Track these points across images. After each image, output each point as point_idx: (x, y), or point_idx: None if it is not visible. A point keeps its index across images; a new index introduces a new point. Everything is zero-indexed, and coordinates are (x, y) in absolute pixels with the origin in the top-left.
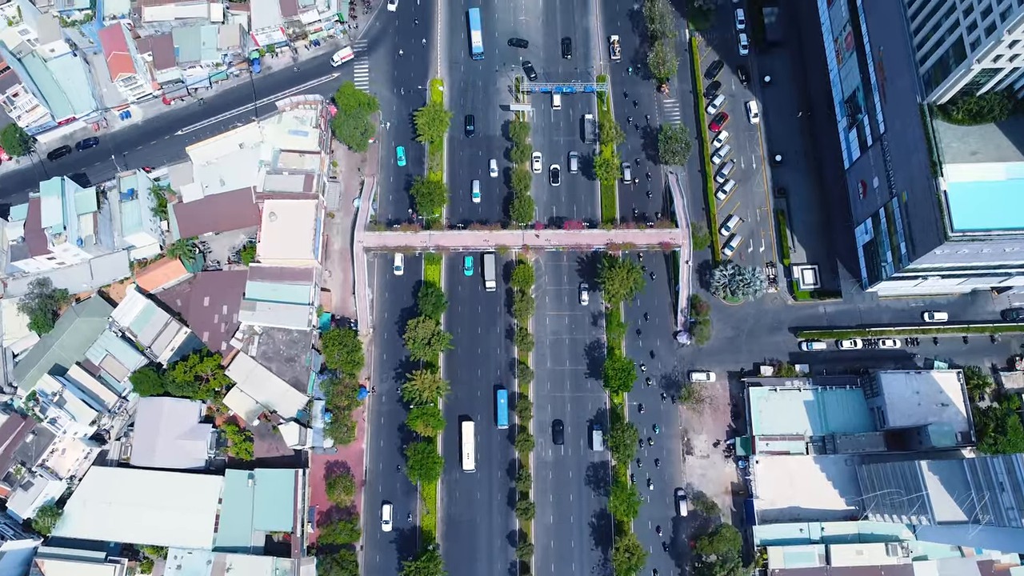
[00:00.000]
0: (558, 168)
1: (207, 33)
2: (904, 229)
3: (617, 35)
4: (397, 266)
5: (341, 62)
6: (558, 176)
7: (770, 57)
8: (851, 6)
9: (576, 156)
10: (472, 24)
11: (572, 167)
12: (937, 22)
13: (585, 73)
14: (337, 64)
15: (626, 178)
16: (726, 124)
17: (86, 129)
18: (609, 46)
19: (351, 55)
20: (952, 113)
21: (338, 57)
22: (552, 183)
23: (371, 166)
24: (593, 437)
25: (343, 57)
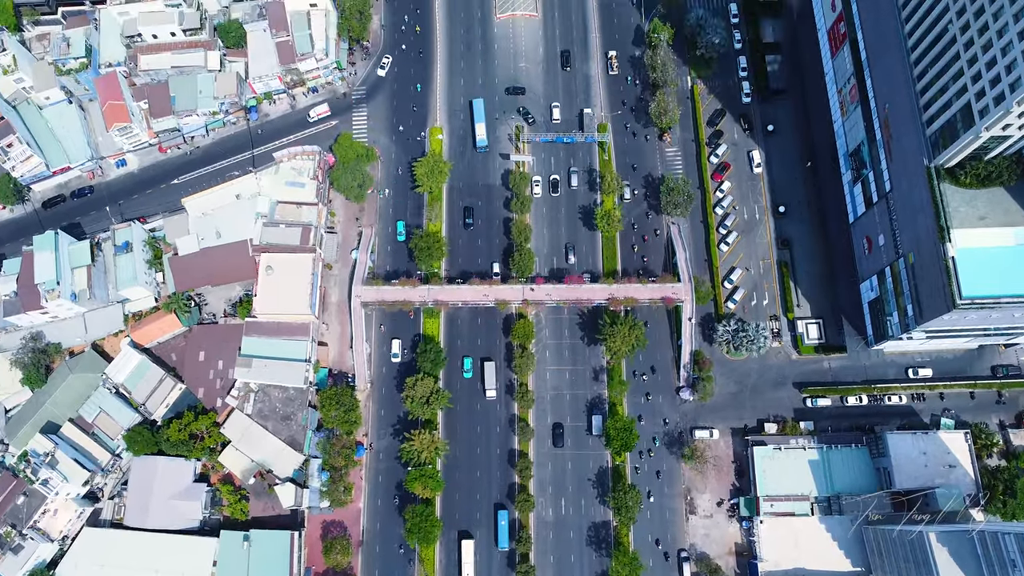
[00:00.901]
0: (558, 179)
1: (204, 81)
2: (911, 291)
3: (615, 54)
4: (395, 353)
5: (317, 118)
6: (558, 186)
7: (773, 105)
8: (855, 59)
9: (576, 172)
10: (476, 115)
11: (573, 183)
12: (944, 85)
13: (587, 121)
14: (313, 120)
15: (626, 195)
16: (728, 174)
17: (81, 177)
18: (607, 61)
19: (327, 111)
20: (960, 177)
21: (314, 113)
22: (552, 192)
23: (369, 216)
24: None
25: (319, 113)
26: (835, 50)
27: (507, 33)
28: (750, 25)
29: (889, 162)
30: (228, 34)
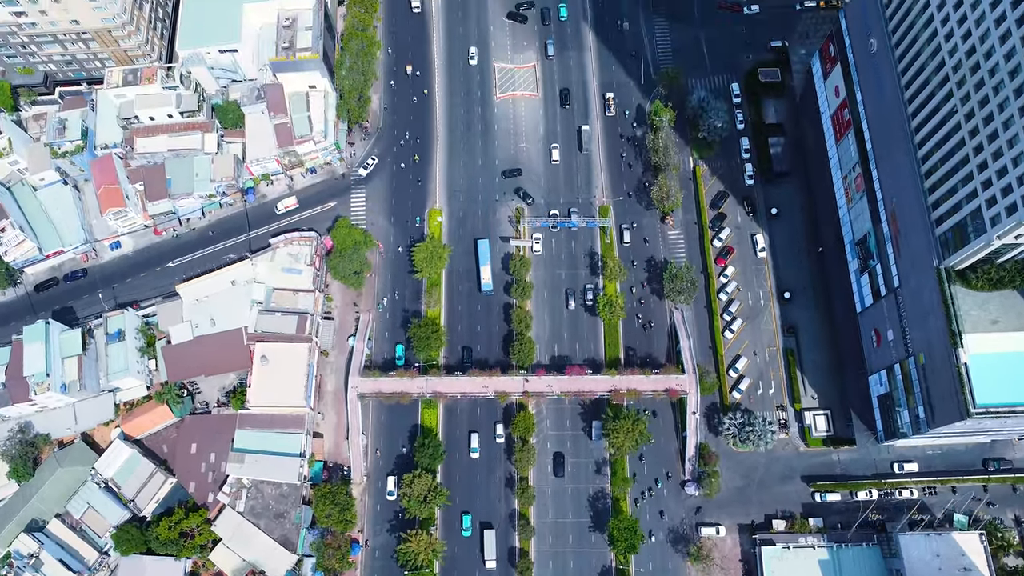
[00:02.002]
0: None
1: (200, 164)
2: (922, 393)
3: (612, 96)
4: (390, 491)
5: (285, 210)
6: (557, 223)
7: (776, 188)
8: (860, 148)
9: (576, 212)
10: (480, 257)
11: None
12: (953, 186)
13: (587, 203)
14: (281, 212)
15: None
16: (732, 258)
17: (75, 260)
18: (604, 102)
19: (295, 204)
20: (971, 280)
21: (282, 206)
22: (553, 230)
23: (367, 301)
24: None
25: (287, 206)
26: (839, 136)
27: (507, 113)
28: (752, 105)
29: (897, 257)
30: (226, 115)
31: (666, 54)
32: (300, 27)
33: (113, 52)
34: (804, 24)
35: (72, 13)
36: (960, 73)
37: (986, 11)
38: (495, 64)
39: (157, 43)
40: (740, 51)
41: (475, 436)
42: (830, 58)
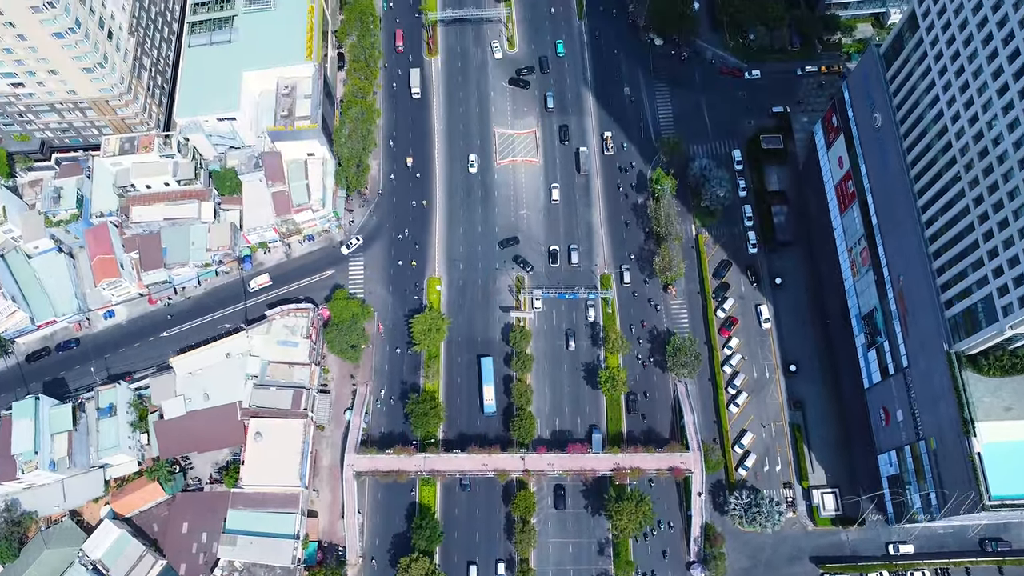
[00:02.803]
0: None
1: (197, 233)
2: (934, 479)
3: (610, 135)
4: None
5: (258, 288)
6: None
7: (780, 257)
8: (865, 222)
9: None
10: (484, 376)
11: (572, 260)
12: (963, 270)
13: (589, 271)
14: (254, 290)
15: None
16: (736, 329)
17: (67, 329)
18: (602, 142)
19: (268, 282)
20: (983, 366)
21: (255, 283)
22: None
23: (364, 373)
24: None
25: (260, 284)
26: (844, 207)
27: (507, 180)
28: (754, 172)
29: (905, 336)
30: (224, 182)
31: (667, 119)
32: (299, 95)
33: (110, 120)
34: (805, 89)
35: (70, 84)
36: (967, 157)
37: (992, 97)
38: (495, 130)
39: (155, 110)
40: (742, 116)
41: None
42: (833, 128)
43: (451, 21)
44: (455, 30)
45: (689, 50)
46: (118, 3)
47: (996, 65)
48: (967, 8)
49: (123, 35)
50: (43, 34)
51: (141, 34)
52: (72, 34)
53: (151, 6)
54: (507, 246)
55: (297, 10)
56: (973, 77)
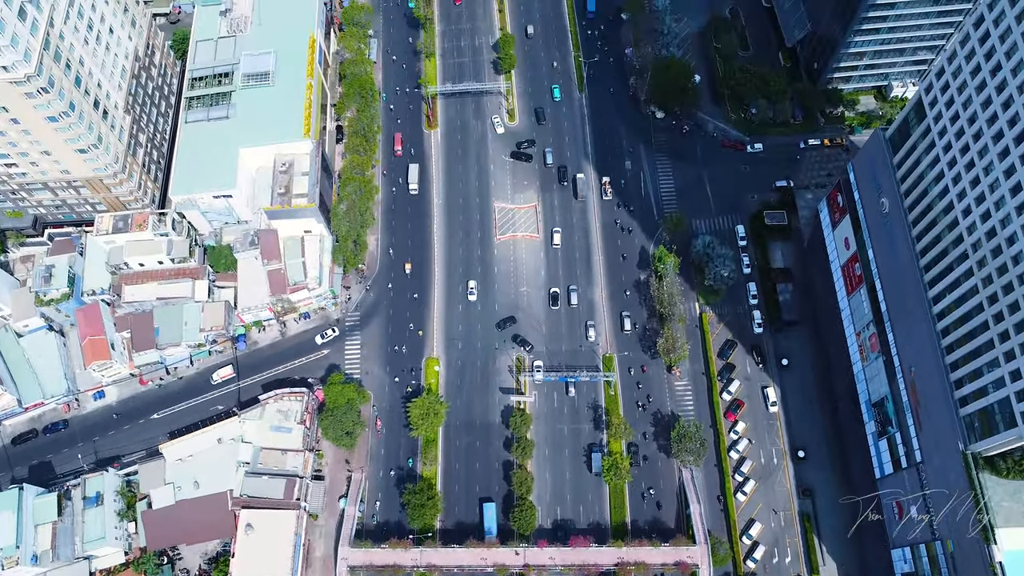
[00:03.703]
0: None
1: (190, 312)
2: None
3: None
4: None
5: (221, 381)
6: (557, 299)
7: (787, 337)
8: (874, 307)
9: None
10: (487, 522)
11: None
12: (977, 369)
13: (591, 351)
14: (216, 383)
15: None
16: (743, 412)
17: (56, 410)
18: (600, 187)
19: (231, 374)
20: (1001, 469)
21: (218, 376)
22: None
23: (360, 458)
24: None
25: (223, 376)
26: (851, 289)
27: (507, 256)
28: (759, 249)
29: (918, 430)
30: (219, 259)
31: (669, 193)
32: (297, 171)
33: (105, 198)
34: (809, 163)
35: (63, 164)
36: (980, 253)
37: (1006, 196)
38: (495, 204)
39: (151, 186)
40: (744, 190)
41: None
42: (838, 208)
43: (451, 94)
44: (455, 103)
45: (690, 123)
46: (114, 82)
47: (1008, 164)
48: (975, 100)
49: (119, 113)
50: (37, 117)
51: (137, 111)
52: (66, 117)
53: (148, 82)
54: (504, 327)
55: (296, 86)
56: (984, 173)
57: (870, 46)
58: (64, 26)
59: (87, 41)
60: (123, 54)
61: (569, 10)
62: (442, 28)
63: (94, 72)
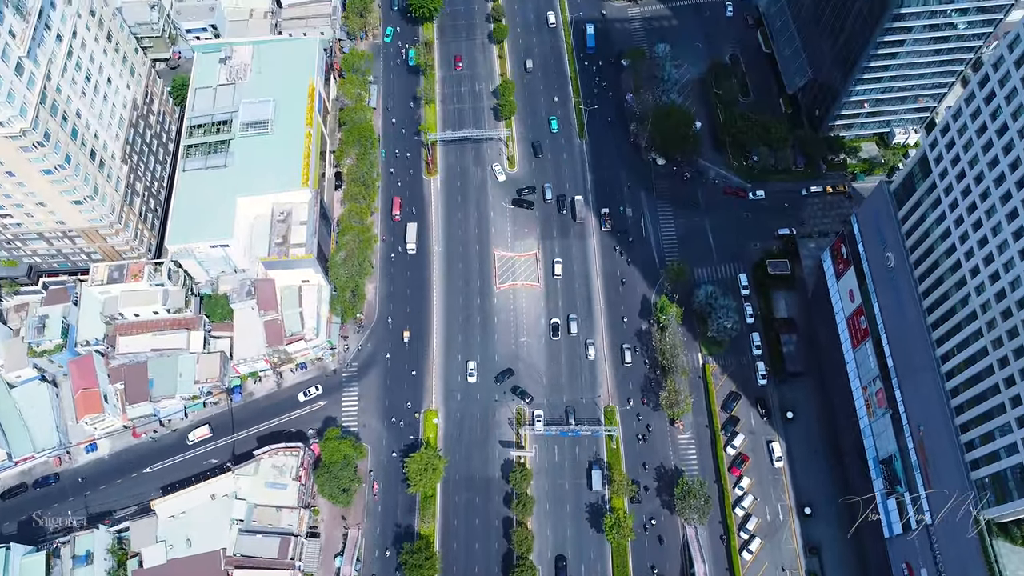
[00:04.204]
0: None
1: (185, 364)
2: None
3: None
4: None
5: (197, 440)
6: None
7: (791, 388)
8: (880, 362)
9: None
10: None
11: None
12: (990, 432)
13: (592, 403)
14: (192, 443)
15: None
16: (747, 467)
17: (47, 463)
18: (600, 219)
19: (208, 434)
20: (1016, 537)
21: (193, 436)
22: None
23: (356, 514)
24: None
25: (199, 436)
26: (856, 342)
27: (507, 305)
28: (762, 298)
29: (928, 490)
30: (215, 308)
31: (671, 241)
32: (295, 220)
33: (100, 247)
34: (811, 210)
35: (58, 215)
36: (989, 314)
37: (1015, 258)
38: (495, 252)
39: (147, 235)
40: (747, 238)
41: None
42: (842, 259)
43: (451, 140)
44: (455, 149)
45: (692, 170)
46: (111, 132)
47: (1017, 225)
48: (982, 160)
49: (115, 163)
50: (32, 170)
51: (135, 160)
52: (61, 170)
53: (146, 130)
54: (502, 380)
55: (295, 135)
56: (992, 233)
57: (872, 94)
58: (61, 79)
59: (84, 93)
60: (121, 104)
61: (568, 48)
62: (442, 74)
63: (91, 123)
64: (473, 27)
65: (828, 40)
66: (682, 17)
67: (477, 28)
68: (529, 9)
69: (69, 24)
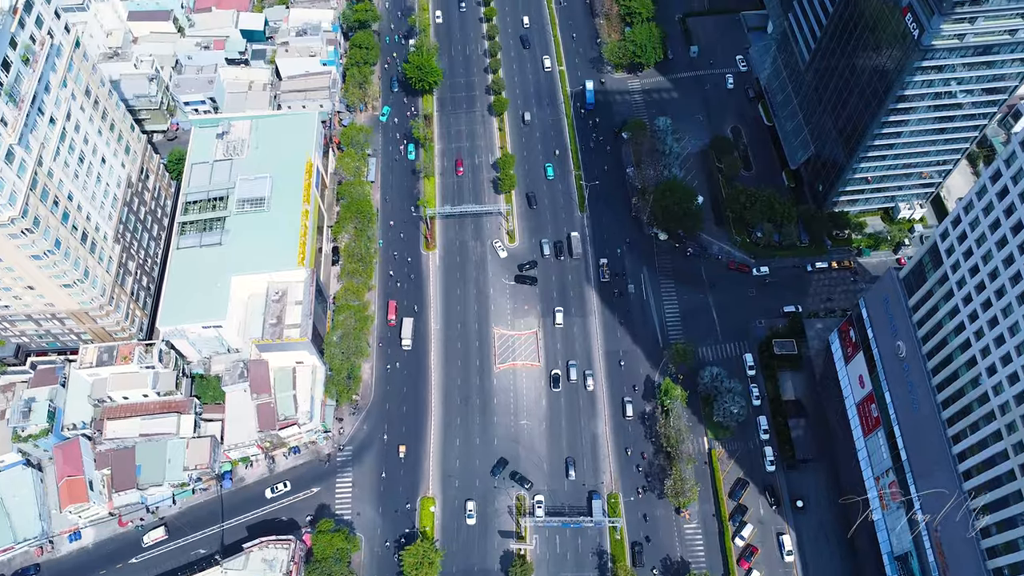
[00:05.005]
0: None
1: (174, 449)
2: None
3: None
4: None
5: (152, 543)
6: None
7: (801, 475)
8: (893, 453)
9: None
10: None
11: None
12: (1013, 541)
13: (595, 488)
14: (147, 545)
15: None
16: (756, 559)
17: (28, 553)
18: (599, 269)
19: (164, 536)
20: None
21: (148, 539)
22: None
23: None
24: None
25: (154, 539)
26: (868, 431)
27: (507, 385)
28: (768, 379)
29: None
30: (207, 390)
31: (674, 318)
32: (290, 300)
33: (90, 328)
34: (817, 286)
35: (47, 298)
36: (1009, 417)
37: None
38: (495, 330)
39: (139, 314)
40: (752, 316)
41: None
42: (851, 343)
43: (450, 215)
44: (454, 223)
45: (694, 245)
46: (104, 212)
47: None
48: (996, 256)
49: (108, 244)
50: (19, 256)
51: (128, 238)
52: (51, 255)
53: (141, 207)
54: (497, 473)
55: (292, 212)
56: (1010, 333)
57: (876, 171)
58: (53, 163)
59: (77, 175)
60: (115, 182)
61: (568, 121)
62: (441, 147)
63: (83, 206)
64: (473, 99)
65: (830, 116)
66: (683, 89)
67: (477, 100)
68: (529, 82)
69: (63, 107)
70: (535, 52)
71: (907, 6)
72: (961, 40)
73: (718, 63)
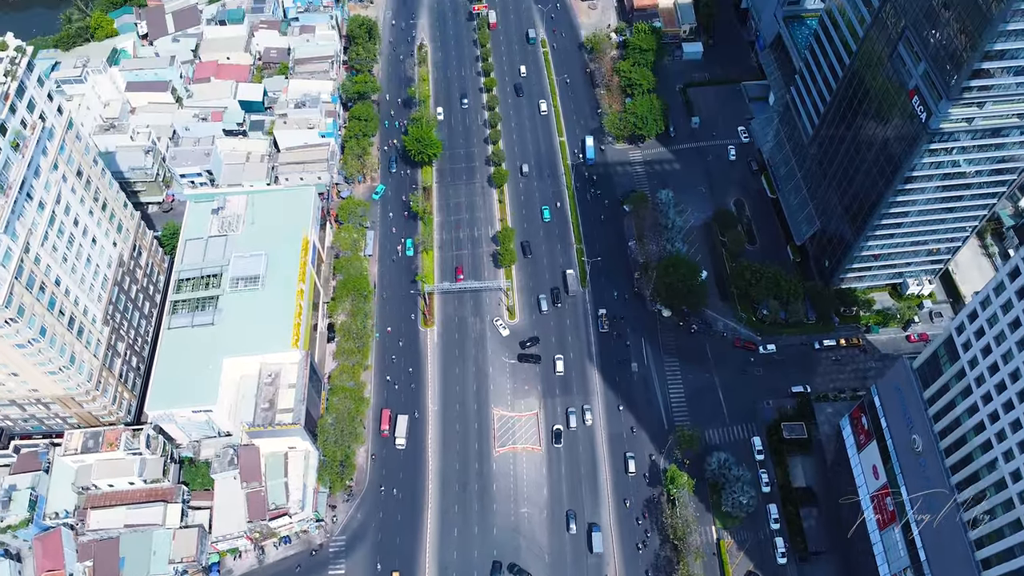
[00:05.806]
0: None
1: (160, 540)
2: None
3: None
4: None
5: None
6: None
7: (814, 568)
8: (911, 552)
9: None
10: None
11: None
12: None
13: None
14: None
15: None
16: None
17: None
18: (598, 320)
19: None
20: None
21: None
22: None
23: None
24: None
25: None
26: (883, 524)
27: (507, 470)
28: (778, 465)
29: None
30: (195, 476)
31: (679, 399)
32: (283, 383)
33: (76, 413)
34: (825, 365)
35: (32, 384)
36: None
37: None
38: (494, 411)
39: (127, 397)
40: (759, 396)
41: None
42: (863, 430)
43: (449, 291)
44: (453, 299)
45: (699, 322)
46: (93, 295)
47: None
48: (1017, 356)
49: (96, 327)
50: (2, 344)
51: (118, 319)
52: (35, 343)
53: (132, 286)
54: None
55: (286, 290)
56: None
57: (884, 248)
58: (41, 248)
59: (66, 259)
60: (105, 263)
61: (569, 193)
62: (440, 219)
63: (71, 290)
64: (473, 171)
65: (836, 191)
66: (684, 160)
67: (477, 172)
68: (530, 152)
69: (53, 191)
70: (536, 122)
71: (914, 89)
72: (970, 123)
73: (720, 134)
